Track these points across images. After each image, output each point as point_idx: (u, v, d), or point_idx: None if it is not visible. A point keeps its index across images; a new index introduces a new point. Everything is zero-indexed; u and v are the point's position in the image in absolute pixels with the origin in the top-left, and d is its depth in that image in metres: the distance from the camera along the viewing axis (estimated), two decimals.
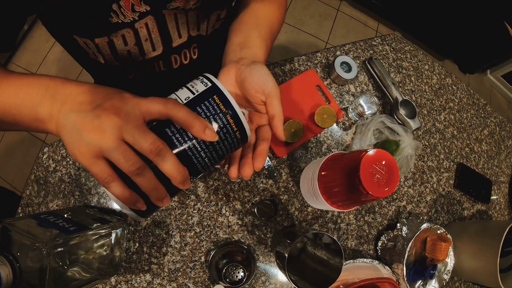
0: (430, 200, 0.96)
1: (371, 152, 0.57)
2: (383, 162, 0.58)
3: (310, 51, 0.95)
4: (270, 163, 0.82)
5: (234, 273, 0.72)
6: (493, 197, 1.09)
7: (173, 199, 0.78)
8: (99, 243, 0.63)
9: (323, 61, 0.94)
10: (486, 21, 2.12)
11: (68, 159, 0.78)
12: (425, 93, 1.05)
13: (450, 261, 0.86)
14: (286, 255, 0.62)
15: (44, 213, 0.63)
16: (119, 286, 0.75)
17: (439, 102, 1.06)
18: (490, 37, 2.20)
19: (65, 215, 0.64)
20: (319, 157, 0.87)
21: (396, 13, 2.38)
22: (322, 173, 0.68)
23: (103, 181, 0.35)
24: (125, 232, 0.73)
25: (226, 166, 0.53)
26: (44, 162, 0.78)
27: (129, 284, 0.74)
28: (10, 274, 0.48)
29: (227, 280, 0.71)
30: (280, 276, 0.80)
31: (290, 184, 0.83)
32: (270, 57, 2.29)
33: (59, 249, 0.53)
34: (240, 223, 0.80)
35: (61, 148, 0.78)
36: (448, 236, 0.85)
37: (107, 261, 0.66)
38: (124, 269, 0.74)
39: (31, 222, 0.56)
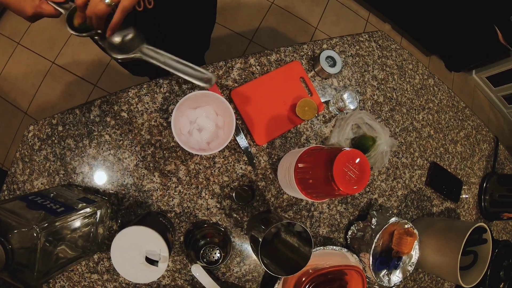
0: (401, 195, 1.01)
1: (346, 150, 0.61)
2: (357, 161, 0.61)
3: (298, 36, 0.97)
4: (250, 148, 0.85)
5: (211, 254, 0.76)
6: (463, 196, 1.15)
7: (155, 180, 0.80)
8: (84, 222, 0.66)
9: (309, 53, 0.96)
10: (477, 22, 2.14)
11: (53, 138, 0.79)
12: (406, 92, 1.08)
13: (415, 254, 0.92)
14: (260, 240, 0.65)
15: (32, 194, 0.64)
16: (101, 262, 0.78)
17: (419, 102, 1.10)
18: (480, 39, 2.23)
19: (51, 195, 0.66)
20: (298, 147, 0.90)
21: (388, 4, 2.39)
22: (299, 164, 0.71)
23: None
24: (108, 211, 0.76)
25: None
26: (29, 140, 0.78)
27: (111, 261, 0.76)
28: (2, 255, 0.50)
29: (204, 260, 0.75)
30: (254, 258, 0.85)
31: (268, 171, 0.87)
32: (257, 39, 2.26)
33: (49, 230, 0.55)
34: (218, 206, 0.83)
35: (46, 126, 0.79)
36: (415, 231, 0.90)
37: (91, 239, 0.69)
38: (106, 247, 0.77)
39: (20, 204, 0.58)
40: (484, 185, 1.19)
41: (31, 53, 1.94)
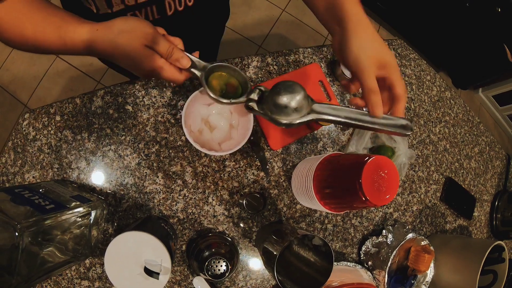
0: (416, 210, 0.96)
1: (376, 157, 0.55)
2: (386, 171, 0.55)
3: (308, 45, 0.92)
4: (263, 153, 0.79)
5: (216, 266, 0.69)
6: (475, 214, 1.10)
7: (158, 181, 0.73)
8: (77, 223, 0.59)
9: (329, 56, 0.91)
10: (486, 40, 2.13)
11: (50, 128, 0.72)
12: (424, 103, 1.03)
13: (430, 272, 0.86)
14: (277, 254, 0.59)
15: (19, 186, 0.57)
16: (93, 268, 0.71)
17: (436, 114, 1.05)
18: (488, 57, 2.21)
19: (41, 190, 0.59)
20: (314, 154, 0.84)
21: (398, 18, 2.37)
22: (319, 172, 0.65)
23: None
24: (104, 212, 0.69)
25: None
26: (23, 129, 0.72)
27: (104, 267, 0.69)
28: None
29: (209, 273, 0.68)
30: (262, 272, 0.78)
31: (281, 179, 0.81)
32: (266, 45, 2.21)
33: (33, 229, 0.48)
34: (226, 213, 0.76)
35: (43, 115, 0.72)
36: (432, 248, 0.84)
37: (83, 242, 0.62)
38: (100, 251, 0.70)
39: (3, 197, 0.51)
40: (496, 203, 1.15)
41: None
